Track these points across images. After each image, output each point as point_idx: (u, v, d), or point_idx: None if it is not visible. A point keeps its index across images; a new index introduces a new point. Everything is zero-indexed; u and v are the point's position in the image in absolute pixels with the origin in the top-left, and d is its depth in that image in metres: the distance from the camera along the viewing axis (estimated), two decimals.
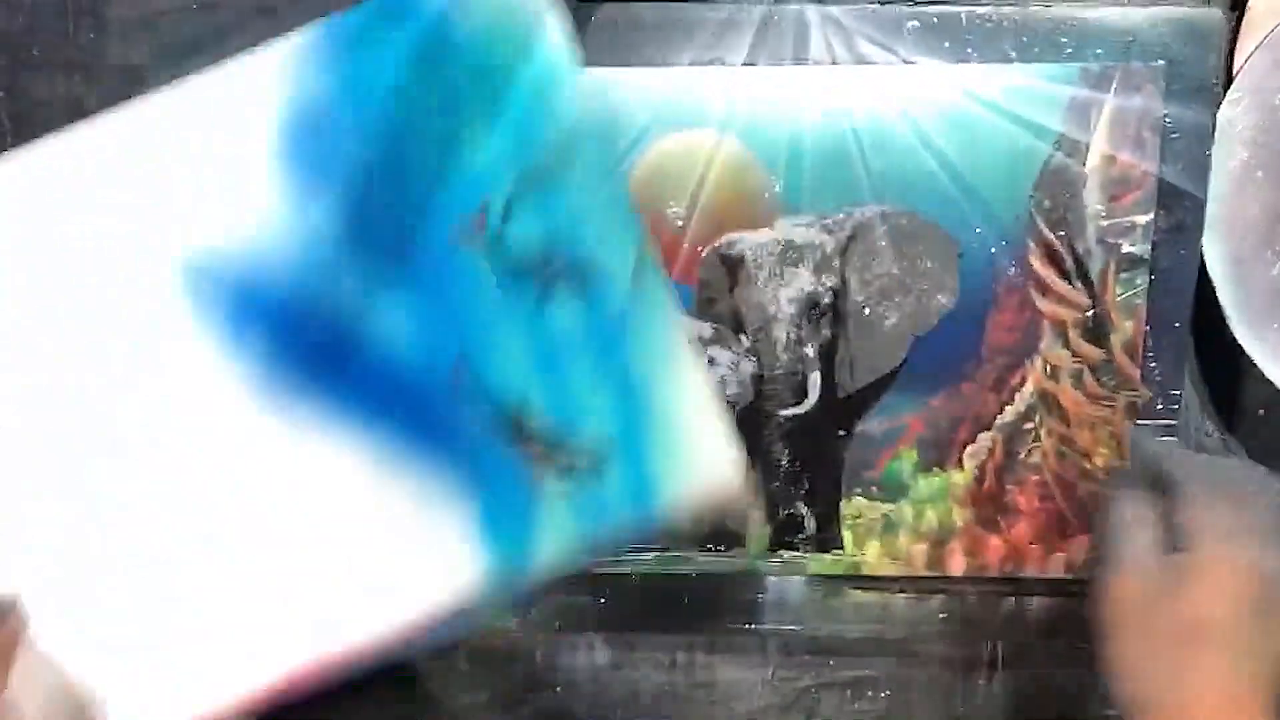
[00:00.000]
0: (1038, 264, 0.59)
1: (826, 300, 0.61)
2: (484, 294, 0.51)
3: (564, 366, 0.51)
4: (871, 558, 0.63)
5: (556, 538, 0.51)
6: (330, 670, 0.51)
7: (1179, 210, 0.59)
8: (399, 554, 0.51)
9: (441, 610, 0.51)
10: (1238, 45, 0.57)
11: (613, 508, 0.51)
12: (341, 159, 0.50)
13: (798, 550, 0.64)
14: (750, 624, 0.67)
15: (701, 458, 0.50)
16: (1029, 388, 0.61)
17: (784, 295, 0.61)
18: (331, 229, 0.50)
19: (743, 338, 0.61)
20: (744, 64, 0.58)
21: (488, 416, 0.51)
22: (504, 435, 0.51)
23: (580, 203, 0.52)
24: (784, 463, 0.62)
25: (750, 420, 0.62)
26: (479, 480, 0.51)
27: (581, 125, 0.51)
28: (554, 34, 0.50)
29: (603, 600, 0.67)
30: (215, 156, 0.50)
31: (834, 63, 0.58)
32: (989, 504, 0.63)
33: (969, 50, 0.58)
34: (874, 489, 0.63)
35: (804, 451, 0.63)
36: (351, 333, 0.51)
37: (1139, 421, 0.61)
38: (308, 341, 0.51)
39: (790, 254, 0.60)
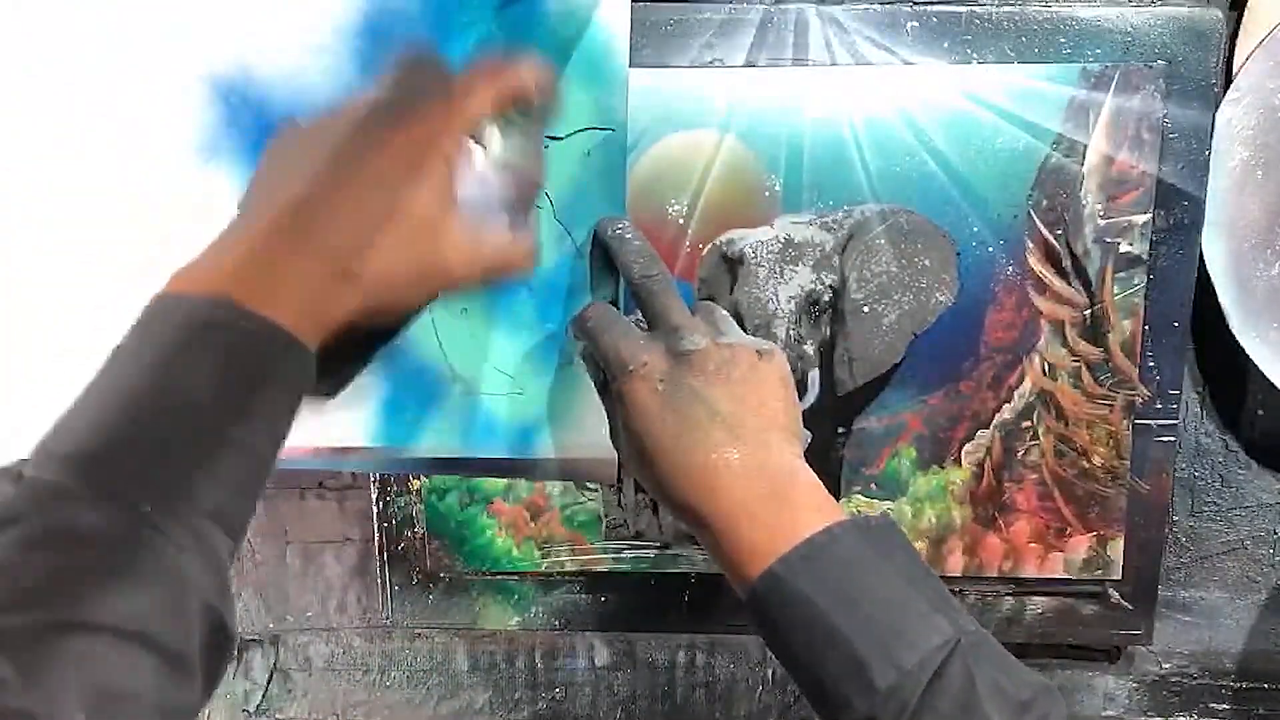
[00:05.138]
0: (1036, 263, 0.59)
1: (826, 298, 0.61)
2: None
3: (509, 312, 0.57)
4: None
5: (441, 435, 0.58)
6: None
7: (1178, 210, 0.59)
8: None
9: (317, 450, 0.58)
10: (1238, 45, 0.58)
11: (497, 434, 0.58)
12: None
13: None
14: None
15: (586, 429, 0.56)
16: (1027, 386, 0.61)
17: (784, 293, 0.61)
18: None
19: None
20: (744, 64, 0.59)
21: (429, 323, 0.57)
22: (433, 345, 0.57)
23: (580, 185, 0.55)
24: None
25: None
26: (398, 364, 0.57)
27: (606, 117, 0.55)
28: (614, 28, 0.54)
29: (603, 600, 0.67)
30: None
31: (834, 63, 0.58)
32: (987, 502, 0.63)
33: (969, 50, 0.58)
34: (873, 486, 0.63)
35: None
36: None
37: (1139, 421, 0.61)
38: None
39: (790, 252, 0.60)
